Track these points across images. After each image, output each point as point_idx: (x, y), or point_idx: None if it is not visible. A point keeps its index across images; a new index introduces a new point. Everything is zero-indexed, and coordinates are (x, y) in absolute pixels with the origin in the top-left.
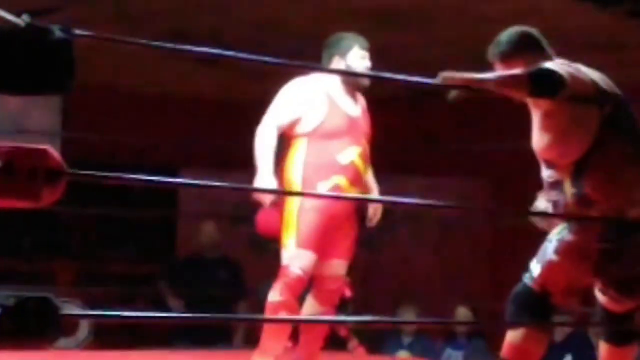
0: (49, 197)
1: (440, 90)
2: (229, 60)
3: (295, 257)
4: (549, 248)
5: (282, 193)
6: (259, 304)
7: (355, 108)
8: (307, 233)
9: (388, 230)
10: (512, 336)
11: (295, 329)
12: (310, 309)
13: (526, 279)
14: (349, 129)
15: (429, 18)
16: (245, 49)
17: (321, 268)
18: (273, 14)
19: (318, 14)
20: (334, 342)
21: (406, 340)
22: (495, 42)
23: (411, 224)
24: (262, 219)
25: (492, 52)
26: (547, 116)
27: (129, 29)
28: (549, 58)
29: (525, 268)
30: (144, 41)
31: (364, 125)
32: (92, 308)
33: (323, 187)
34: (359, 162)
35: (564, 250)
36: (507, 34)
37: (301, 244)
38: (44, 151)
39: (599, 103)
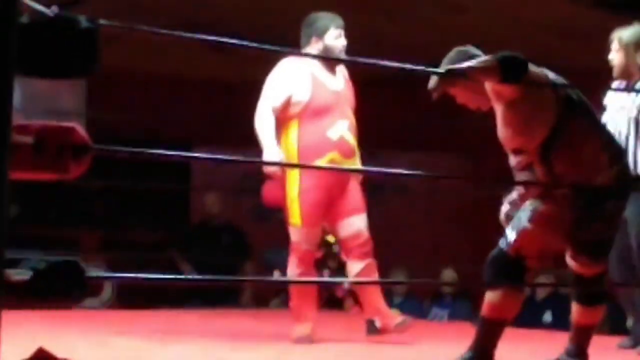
0: (76, 170)
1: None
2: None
3: (303, 235)
4: (523, 216)
5: (288, 165)
6: (264, 267)
7: (338, 82)
8: (310, 212)
9: (381, 202)
10: (490, 296)
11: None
12: (353, 269)
13: (502, 244)
14: (335, 104)
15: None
16: (249, 35)
17: (339, 231)
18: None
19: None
20: (331, 302)
21: (397, 300)
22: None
23: (402, 196)
24: (267, 191)
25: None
26: (510, 106)
27: (143, 19)
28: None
29: (502, 234)
30: (159, 29)
31: (349, 96)
32: (114, 271)
33: (319, 163)
34: (348, 136)
35: (537, 219)
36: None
37: (306, 224)
38: (72, 128)
39: (555, 87)
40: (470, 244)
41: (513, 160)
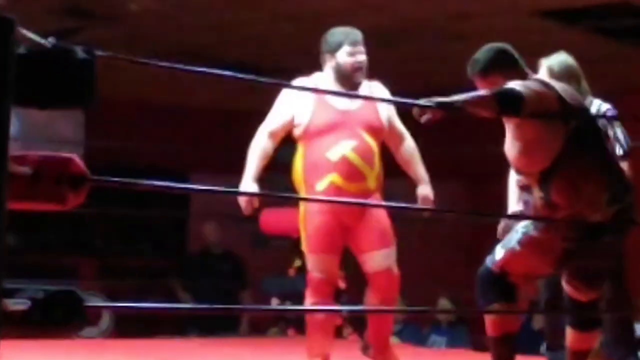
0: (73, 200)
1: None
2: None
3: (312, 262)
4: (514, 238)
5: (277, 197)
6: (262, 294)
7: (350, 102)
8: (315, 237)
9: None
10: (489, 315)
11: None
12: (372, 302)
13: (488, 261)
14: (339, 123)
15: (413, 36)
16: (246, 65)
17: (363, 265)
18: (273, 32)
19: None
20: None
21: (396, 327)
22: (474, 60)
23: (398, 223)
24: (265, 218)
25: (471, 69)
26: (517, 127)
27: (142, 49)
28: (523, 73)
29: (490, 250)
30: (154, 62)
31: (366, 116)
32: (113, 300)
33: (320, 186)
34: (353, 156)
35: (527, 243)
36: (484, 51)
37: (311, 249)
38: (69, 159)
39: (566, 118)
40: (466, 270)
41: (516, 176)
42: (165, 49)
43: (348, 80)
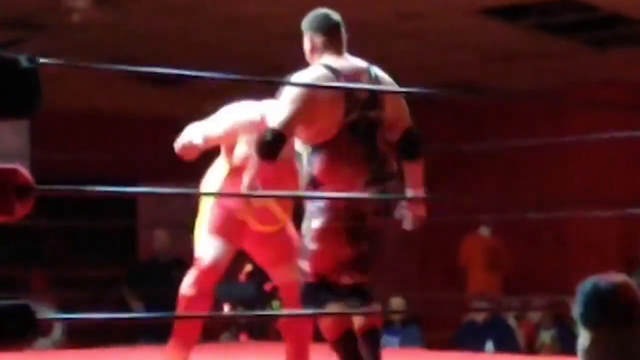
0: (20, 211)
1: None
2: (177, 82)
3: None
4: (306, 242)
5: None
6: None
7: None
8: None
9: None
10: (323, 322)
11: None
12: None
13: (302, 279)
14: None
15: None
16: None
17: (272, 277)
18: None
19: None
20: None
21: None
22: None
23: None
24: None
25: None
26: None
27: (87, 59)
28: (332, 44)
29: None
30: (101, 66)
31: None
32: (64, 311)
33: None
34: None
35: (317, 236)
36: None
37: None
38: (14, 170)
39: (347, 110)
40: (419, 268)
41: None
42: (109, 59)
43: None
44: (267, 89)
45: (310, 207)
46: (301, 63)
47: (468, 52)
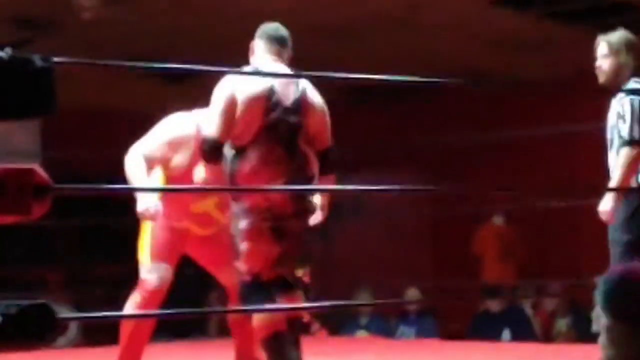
0: (38, 211)
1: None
2: (192, 79)
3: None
4: (237, 242)
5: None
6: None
7: None
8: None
9: (339, 222)
10: (255, 320)
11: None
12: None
13: (239, 281)
14: None
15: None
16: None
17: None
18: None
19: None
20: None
21: (363, 320)
22: None
23: (360, 217)
24: None
25: None
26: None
27: (98, 57)
28: (270, 53)
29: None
30: (116, 62)
31: None
32: (80, 309)
33: None
34: None
35: (246, 236)
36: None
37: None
38: (31, 170)
39: (267, 110)
40: (431, 260)
41: None
42: (120, 57)
43: None
44: None
45: (235, 208)
46: (313, 59)
47: (477, 41)
